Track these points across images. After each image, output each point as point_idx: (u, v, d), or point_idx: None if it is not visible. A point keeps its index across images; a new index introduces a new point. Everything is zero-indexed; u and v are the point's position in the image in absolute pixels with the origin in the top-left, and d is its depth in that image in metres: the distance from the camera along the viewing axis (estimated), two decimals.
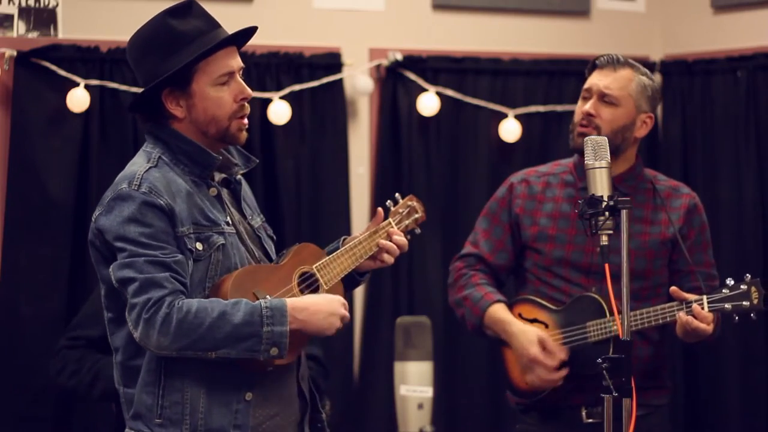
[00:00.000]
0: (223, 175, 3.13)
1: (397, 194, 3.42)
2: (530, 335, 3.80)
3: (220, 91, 3.03)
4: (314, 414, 3.21)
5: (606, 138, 3.24)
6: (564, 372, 3.78)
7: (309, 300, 3.02)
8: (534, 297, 3.90)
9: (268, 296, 2.98)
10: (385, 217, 3.34)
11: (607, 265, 3.14)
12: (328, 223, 5.22)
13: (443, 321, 5.31)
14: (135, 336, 2.91)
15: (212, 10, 2.94)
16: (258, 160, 3.23)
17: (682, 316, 3.67)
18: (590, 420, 3.82)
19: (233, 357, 2.92)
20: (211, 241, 3.01)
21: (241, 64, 3.07)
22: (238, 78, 3.06)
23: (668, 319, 3.73)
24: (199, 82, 3.01)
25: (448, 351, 5.37)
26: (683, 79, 5.64)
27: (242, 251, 3.08)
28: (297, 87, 5.24)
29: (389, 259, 3.30)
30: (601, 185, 3.16)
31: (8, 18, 4.87)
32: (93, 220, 3.01)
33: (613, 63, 3.86)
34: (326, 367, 4.66)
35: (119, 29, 4.94)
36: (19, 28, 4.89)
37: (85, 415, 4.92)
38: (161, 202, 2.95)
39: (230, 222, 3.08)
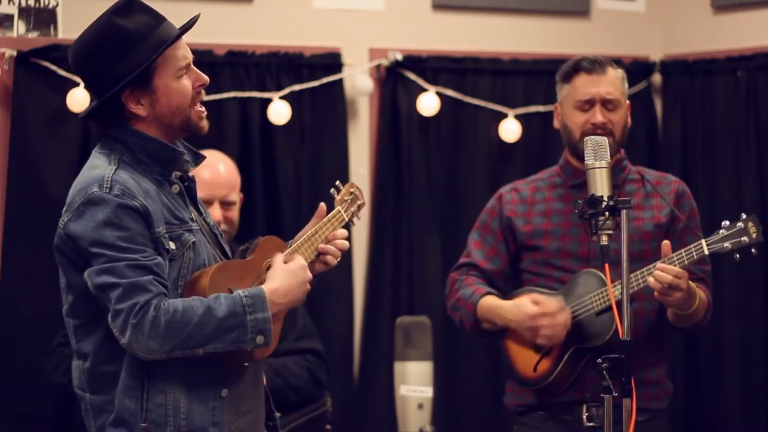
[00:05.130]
0: (179, 173, 3.07)
1: (337, 182, 3.42)
2: (522, 300, 3.81)
3: (181, 81, 3.00)
4: (269, 413, 3.20)
5: (606, 138, 3.25)
6: (568, 314, 3.74)
7: (279, 280, 3.00)
8: (532, 288, 3.90)
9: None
10: (332, 207, 3.33)
11: (606, 265, 3.14)
12: None
13: (443, 321, 5.30)
14: (122, 342, 2.87)
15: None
16: (205, 156, 3.18)
17: (650, 280, 3.62)
18: (590, 424, 3.80)
19: (221, 351, 2.90)
20: (183, 240, 2.97)
21: (191, 55, 3.04)
22: (193, 66, 3.04)
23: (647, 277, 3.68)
24: (161, 76, 2.97)
25: (448, 351, 5.36)
26: (683, 79, 5.64)
27: (208, 248, 3.06)
28: (297, 87, 5.24)
29: (334, 261, 3.26)
30: (601, 185, 3.17)
31: (8, 18, 4.87)
32: (61, 225, 2.96)
33: (599, 64, 3.89)
34: (326, 361, 4.65)
35: None
36: (19, 28, 4.89)
37: None
38: (136, 203, 2.90)
39: (194, 218, 3.06)
